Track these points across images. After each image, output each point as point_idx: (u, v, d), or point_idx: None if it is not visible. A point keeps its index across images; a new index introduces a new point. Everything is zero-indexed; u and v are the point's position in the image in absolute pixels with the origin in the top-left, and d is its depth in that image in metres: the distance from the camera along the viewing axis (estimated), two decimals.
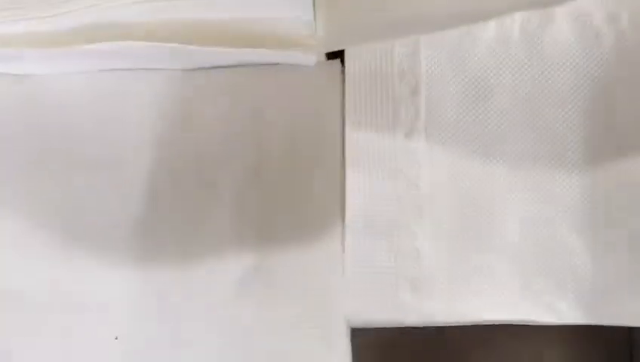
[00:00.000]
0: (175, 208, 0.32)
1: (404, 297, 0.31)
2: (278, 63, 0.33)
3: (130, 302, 0.32)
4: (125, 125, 0.33)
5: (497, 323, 0.31)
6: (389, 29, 0.28)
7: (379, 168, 0.31)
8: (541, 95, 0.31)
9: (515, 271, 0.31)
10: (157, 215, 0.32)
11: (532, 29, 0.31)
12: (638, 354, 0.42)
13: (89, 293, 0.32)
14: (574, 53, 0.31)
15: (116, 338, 0.31)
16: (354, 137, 0.31)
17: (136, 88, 0.33)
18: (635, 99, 0.30)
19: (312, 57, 0.30)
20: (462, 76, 0.31)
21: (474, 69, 0.31)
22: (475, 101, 0.31)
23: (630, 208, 0.30)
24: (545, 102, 0.31)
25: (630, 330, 0.43)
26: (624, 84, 0.30)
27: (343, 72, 0.32)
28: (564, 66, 0.31)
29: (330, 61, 0.33)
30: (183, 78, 0.33)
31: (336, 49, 0.30)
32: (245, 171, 0.33)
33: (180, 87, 0.33)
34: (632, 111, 0.30)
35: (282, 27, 0.29)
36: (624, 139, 0.30)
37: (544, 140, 0.31)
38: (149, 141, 0.33)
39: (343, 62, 0.32)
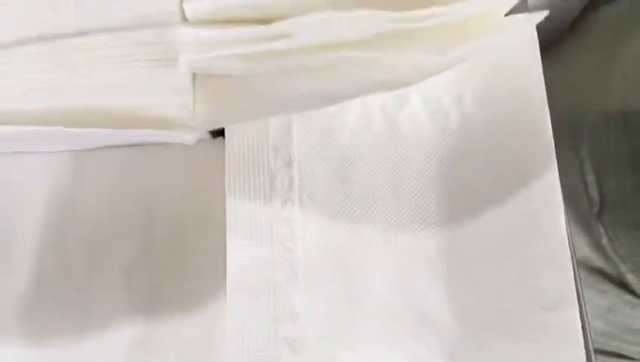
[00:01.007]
0: (62, 285, 0.33)
1: (286, 360, 0.32)
2: (165, 143, 0.35)
3: None
4: (12, 208, 0.34)
5: None
6: (256, 110, 0.31)
7: (257, 236, 0.33)
8: (400, 167, 0.34)
9: (387, 327, 0.33)
10: (43, 292, 0.33)
11: (390, 109, 0.35)
12: None
13: None
14: (427, 130, 0.35)
15: None
16: (234, 208, 0.33)
17: (23, 170, 0.35)
18: (477, 170, 0.34)
19: (189, 137, 0.32)
20: (331, 152, 0.34)
21: (341, 146, 0.34)
22: (343, 173, 0.34)
23: (481, 262, 0.33)
24: (404, 173, 0.34)
25: None
26: (469, 158, 0.34)
27: None
28: (419, 142, 0.35)
29: (216, 139, 0.35)
30: (71, 160, 0.35)
31: (212, 128, 0.33)
32: (135, 248, 0.34)
33: (67, 168, 0.35)
34: (476, 180, 0.34)
35: (165, 111, 0.31)
36: (473, 202, 0.34)
37: (407, 206, 0.34)
38: (37, 220, 0.34)
39: None
